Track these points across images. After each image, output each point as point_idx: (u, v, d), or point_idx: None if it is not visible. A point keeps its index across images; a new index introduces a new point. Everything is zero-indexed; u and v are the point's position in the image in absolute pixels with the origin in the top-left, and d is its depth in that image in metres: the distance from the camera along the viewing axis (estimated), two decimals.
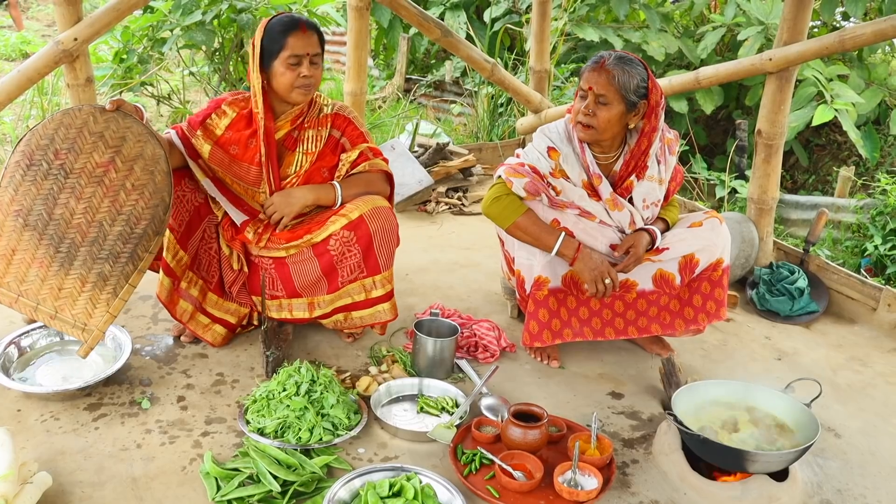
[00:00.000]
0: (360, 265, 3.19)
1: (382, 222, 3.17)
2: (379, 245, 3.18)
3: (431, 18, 5.25)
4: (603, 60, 3.07)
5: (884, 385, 3.52)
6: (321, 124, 3.30)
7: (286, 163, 3.29)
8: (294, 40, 3.08)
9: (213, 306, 3.37)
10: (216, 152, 3.23)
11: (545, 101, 5.97)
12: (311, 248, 3.20)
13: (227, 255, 3.37)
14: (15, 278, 2.85)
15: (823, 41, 3.93)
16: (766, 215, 4.38)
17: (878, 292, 4.04)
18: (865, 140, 6.78)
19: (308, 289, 3.27)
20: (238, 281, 3.39)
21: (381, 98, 8.92)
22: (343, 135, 3.35)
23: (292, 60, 3.09)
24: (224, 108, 3.26)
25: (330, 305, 3.28)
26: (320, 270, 3.22)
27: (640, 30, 7.52)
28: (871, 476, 2.87)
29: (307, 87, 3.15)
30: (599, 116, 3.08)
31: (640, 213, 3.26)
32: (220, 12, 6.05)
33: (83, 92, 4.12)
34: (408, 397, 3.14)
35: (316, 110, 3.31)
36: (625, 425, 3.06)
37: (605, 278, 3.16)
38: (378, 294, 3.26)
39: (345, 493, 2.45)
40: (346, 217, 3.15)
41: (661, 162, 3.27)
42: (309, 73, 3.12)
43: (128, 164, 2.85)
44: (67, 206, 2.82)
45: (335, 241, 3.15)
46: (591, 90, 3.07)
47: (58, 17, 3.99)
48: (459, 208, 5.39)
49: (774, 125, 4.17)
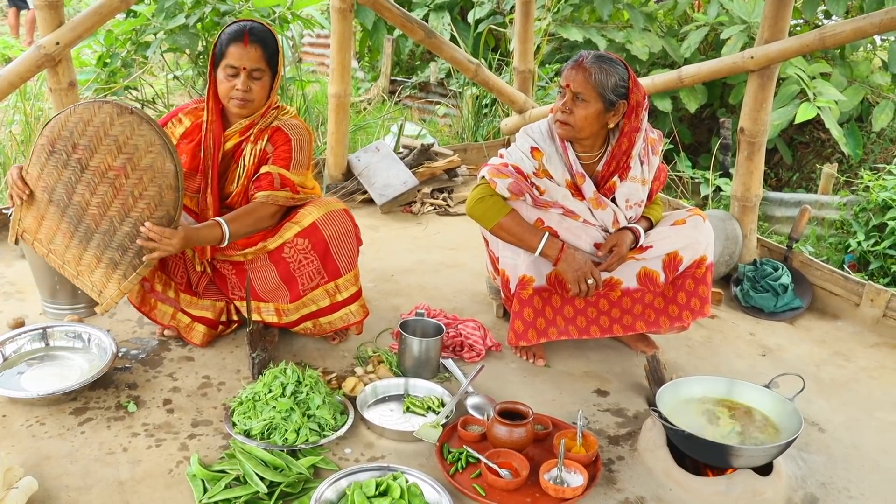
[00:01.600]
0: (319, 271, 3.18)
1: (337, 227, 3.15)
2: (337, 250, 3.16)
3: (415, 20, 5.26)
4: (582, 59, 3.10)
5: (867, 379, 3.55)
6: (259, 138, 3.18)
7: (229, 179, 3.23)
8: (234, 50, 3.02)
9: (188, 305, 3.36)
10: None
11: (529, 101, 5.98)
12: (267, 255, 3.19)
13: (190, 257, 3.35)
14: (45, 238, 3.08)
15: (804, 39, 3.95)
16: (750, 213, 4.40)
17: (860, 288, 4.07)
18: (848, 137, 6.82)
19: (270, 294, 3.27)
20: (202, 281, 3.39)
21: (366, 100, 8.93)
22: (274, 150, 3.18)
23: (229, 71, 3.04)
24: (181, 117, 3.24)
25: (296, 313, 3.28)
26: (279, 277, 3.21)
27: (623, 29, 7.54)
28: (855, 469, 2.89)
29: (240, 101, 3.07)
30: (576, 114, 3.09)
31: (623, 213, 3.28)
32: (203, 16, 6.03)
33: (66, 96, 4.11)
34: (394, 397, 3.14)
35: (266, 122, 3.20)
36: (610, 422, 3.07)
37: (589, 278, 3.17)
38: (344, 297, 3.25)
39: (331, 494, 2.45)
40: (299, 224, 3.14)
41: (645, 162, 3.28)
42: (242, 88, 3.04)
43: (137, 174, 2.86)
44: (83, 197, 2.95)
45: (290, 248, 3.14)
46: (569, 87, 3.09)
47: (40, 22, 3.98)
48: (445, 209, 5.40)
49: (757, 123, 4.20)
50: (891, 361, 3.73)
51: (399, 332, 3.29)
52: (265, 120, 3.20)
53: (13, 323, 3.41)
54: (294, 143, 3.20)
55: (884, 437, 3.11)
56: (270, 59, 3.08)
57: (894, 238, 5.12)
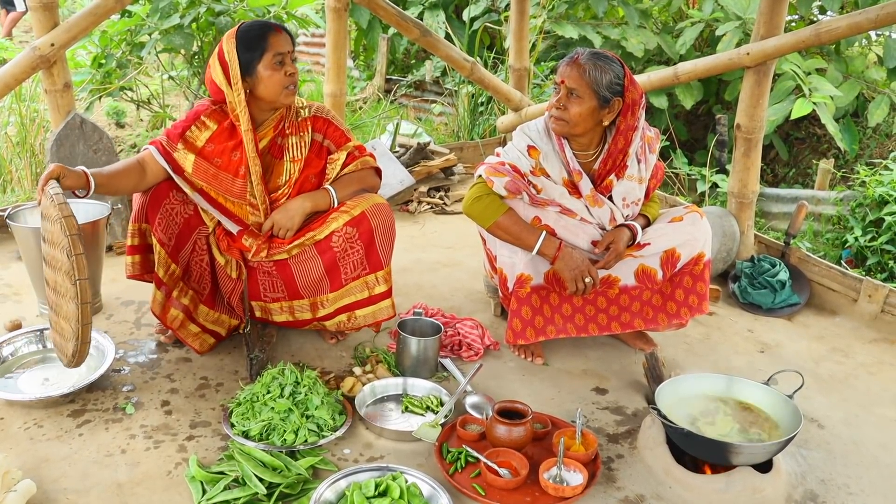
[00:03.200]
0: (362, 261, 3.18)
1: (383, 218, 3.18)
2: (381, 241, 3.18)
3: (410, 18, 5.25)
4: (577, 55, 3.10)
5: (865, 375, 3.55)
6: (302, 129, 3.26)
7: (275, 173, 3.23)
8: (275, 39, 3.05)
9: (203, 318, 3.33)
10: (200, 164, 3.14)
11: (525, 99, 5.98)
12: (314, 245, 3.19)
13: (223, 265, 3.29)
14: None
15: (800, 35, 3.95)
16: (747, 209, 4.40)
17: (858, 283, 4.07)
18: (844, 133, 6.82)
19: (310, 288, 3.26)
20: (237, 290, 3.32)
21: (361, 99, 8.92)
22: (325, 137, 3.31)
23: (277, 59, 3.05)
24: (204, 120, 3.17)
25: (333, 304, 3.26)
26: (323, 268, 3.20)
27: (618, 26, 7.53)
28: (854, 465, 2.89)
29: (294, 86, 3.12)
30: (571, 110, 3.09)
31: (620, 211, 3.28)
32: (198, 15, 6.02)
33: (61, 97, 4.11)
34: (392, 397, 3.14)
35: (294, 114, 3.27)
36: (609, 420, 3.07)
37: (586, 276, 3.17)
38: (380, 290, 3.24)
39: (331, 494, 2.45)
40: (349, 213, 3.15)
41: (642, 161, 3.28)
42: (294, 71, 3.10)
43: (60, 272, 2.80)
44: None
45: (338, 237, 3.14)
46: (564, 84, 3.10)
47: (34, 23, 3.98)
48: (441, 208, 5.40)
49: (753, 119, 4.20)
50: (889, 357, 3.73)
51: (397, 331, 3.28)
52: (291, 114, 3.25)
53: (10, 325, 3.40)
54: (334, 120, 3.35)
55: (883, 433, 3.11)
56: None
57: (891, 233, 5.12)
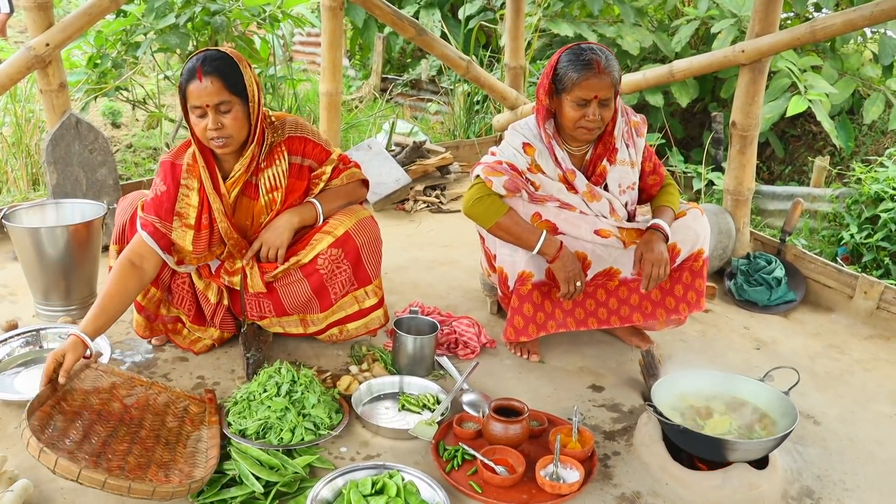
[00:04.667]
0: (350, 280, 3.18)
1: (368, 234, 3.15)
2: (367, 257, 3.17)
3: (406, 17, 5.25)
4: (598, 63, 2.98)
5: (861, 372, 3.56)
6: (277, 157, 3.07)
7: (255, 214, 3.13)
8: (192, 89, 2.81)
9: (192, 332, 3.34)
10: (200, 238, 3.06)
11: (521, 97, 5.98)
12: (300, 269, 3.13)
13: (202, 289, 3.26)
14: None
15: (795, 32, 3.96)
16: (743, 206, 4.41)
17: (854, 280, 4.07)
18: (839, 130, 6.83)
19: (298, 308, 3.24)
20: (219, 312, 3.30)
21: (357, 98, 8.92)
22: (304, 157, 3.14)
23: (196, 112, 2.84)
24: (186, 184, 3.01)
25: (324, 322, 3.27)
26: (310, 290, 3.17)
27: (614, 24, 7.53)
28: (850, 461, 2.89)
29: (219, 141, 2.88)
30: (605, 117, 3.07)
31: (617, 200, 3.27)
32: (193, 15, 6.00)
33: (56, 97, 4.10)
34: (389, 395, 3.14)
35: (267, 144, 3.05)
36: (606, 418, 3.07)
37: (578, 281, 3.19)
38: (371, 303, 3.26)
39: (327, 493, 2.45)
40: (332, 234, 3.10)
41: (630, 145, 3.27)
42: (213, 126, 2.83)
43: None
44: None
45: (323, 259, 3.09)
46: (597, 98, 3.00)
47: (29, 23, 3.97)
48: (437, 206, 5.40)
49: (748, 116, 4.20)
50: (885, 353, 3.74)
51: (393, 330, 3.28)
52: (266, 147, 3.06)
53: (6, 325, 3.40)
54: (311, 136, 3.17)
55: (879, 429, 3.11)
56: (234, 87, 2.85)
57: (887, 230, 5.13)
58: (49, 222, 3.68)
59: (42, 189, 5.57)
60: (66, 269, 3.48)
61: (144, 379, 2.94)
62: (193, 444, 2.65)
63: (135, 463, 2.43)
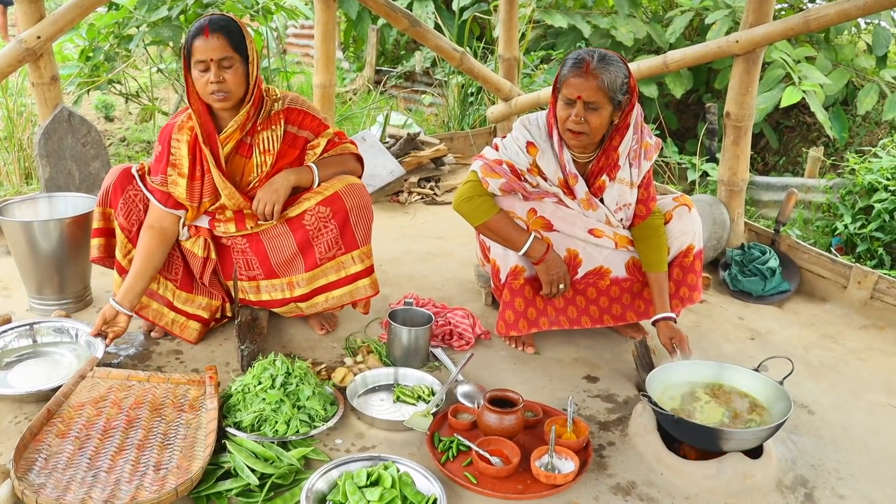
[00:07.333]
0: (336, 241, 3.19)
1: (358, 198, 3.18)
2: (355, 221, 3.18)
3: (399, 9, 5.25)
4: (586, 63, 2.92)
5: (855, 361, 3.56)
6: (274, 122, 3.17)
7: (246, 171, 3.21)
8: (198, 45, 2.96)
9: (183, 303, 3.34)
10: (194, 188, 3.15)
11: (515, 88, 5.98)
12: (286, 222, 3.19)
13: (189, 247, 3.31)
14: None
15: (788, 22, 3.96)
16: (737, 197, 4.41)
17: (848, 270, 4.08)
18: (833, 121, 6.83)
19: (284, 266, 3.26)
20: (207, 269, 3.34)
21: (351, 90, 8.91)
22: (301, 128, 3.24)
23: (200, 67, 2.98)
24: (176, 138, 3.13)
25: (308, 286, 3.26)
26: (296, 245, 3.21)
27: (608, 15, 7.53)
28: (844, 451, 2.90)
29: (219, 95, 3.01)
30: (591, 123, 2.96)
31: (613, 216, 3.27)
32: (186, 7, 5.99)
33: (48, 90, 4.09)
34: (384, 387, 3.14)
35: (266, 110, 3.18)
36: (600, 408, 3.08)
37: (561, 283, 3.22)
38: (357, 269, 3.25)
39: (323, 484, 2.45)
40: (321, 193, 3.16)
41: (635, 165, 3.19)
42: (215, 79, 2.97)
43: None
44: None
45: (310, 216, 3.15)
46: (580, 99, 2.93)
47: (20, 16, 3.95)
48: (432, 198, 5.39)
49: (742, 107, 4.20)
50: (878, 343, 3.75)
51: (388, 321, 3.28)
52: (265, 109, 3.17)
53: (0, 320, 3.38)
54: (311, 110, 3.28)
55: (872, 419, 3.12)
56: (237, 47, 3.01)
57: (881, 220, 5.14)
58: (42, 216, 3.66)
59: (35, 183, 5.55)
60: (59, 263, 3.47)
61: (142, 374, 2.94)
62: (193, 433, 2.66)
63: (131, 470, 2.45)
